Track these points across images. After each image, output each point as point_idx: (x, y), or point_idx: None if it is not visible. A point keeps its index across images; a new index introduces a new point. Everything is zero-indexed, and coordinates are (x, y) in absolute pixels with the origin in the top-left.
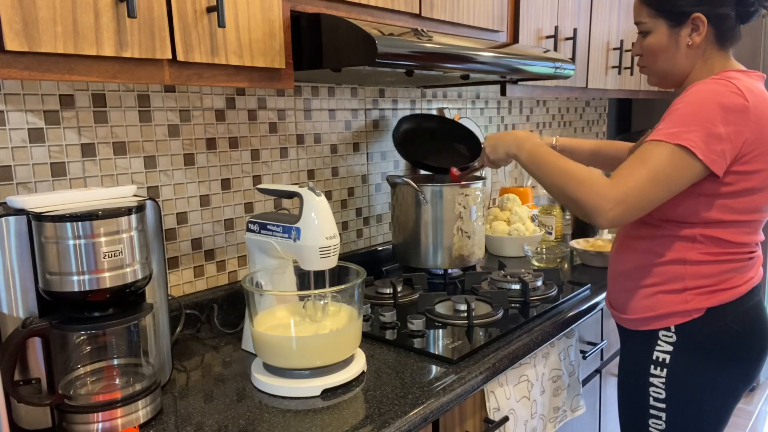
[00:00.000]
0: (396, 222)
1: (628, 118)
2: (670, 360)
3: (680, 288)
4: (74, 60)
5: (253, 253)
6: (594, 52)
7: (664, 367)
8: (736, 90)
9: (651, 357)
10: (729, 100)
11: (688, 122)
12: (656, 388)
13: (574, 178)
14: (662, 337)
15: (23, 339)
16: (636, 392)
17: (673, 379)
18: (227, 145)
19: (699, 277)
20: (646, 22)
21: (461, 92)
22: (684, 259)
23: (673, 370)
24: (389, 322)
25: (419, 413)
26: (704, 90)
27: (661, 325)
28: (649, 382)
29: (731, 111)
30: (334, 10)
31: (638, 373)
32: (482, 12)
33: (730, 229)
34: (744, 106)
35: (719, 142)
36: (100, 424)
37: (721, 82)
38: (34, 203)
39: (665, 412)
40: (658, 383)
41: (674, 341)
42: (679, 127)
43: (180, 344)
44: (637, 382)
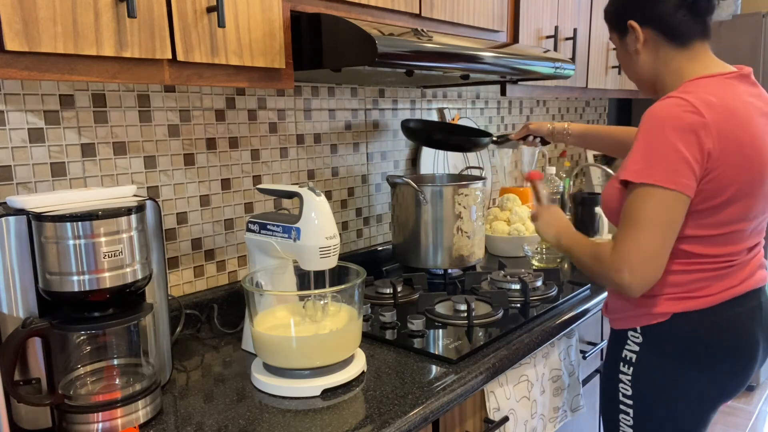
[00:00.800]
0: (396, 222)
1: (628, 118)
2: (636, 359)
3: (650, 294)
4: (74, 60)
5: (253, 253)
6: (594, 52)
7: (631, 365)
8: (690, 108)
9: (621, 355)
10: (683, 122)
11: (650, 155)
12: (624, 385)
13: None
14: (630, 336)
15: (23, 339)
16: (609, 387)
17: (638, 378)
18: (227, 145)
19: (668, 285)
20: (611, 37)
21: (461, 92)
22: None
23: (639, 369)
24: (389, 322)
25: (419, 413)
26: (655, 115)
27: (629, 326)
28: (618, 379)
29: (687, 132)
30: (334, 10)
31: (611, 368)
32: (482, 12)
33: (704, 243)
34: (701, 123)
35: (686, 165)
36: (100, 424)
37: (675, 102)
38: (34, 203)
39: (632, 408)
40: (625, 380)
41: (640, 342)
42: (642, 163)
43: (180, 344)
44: (610, 377)
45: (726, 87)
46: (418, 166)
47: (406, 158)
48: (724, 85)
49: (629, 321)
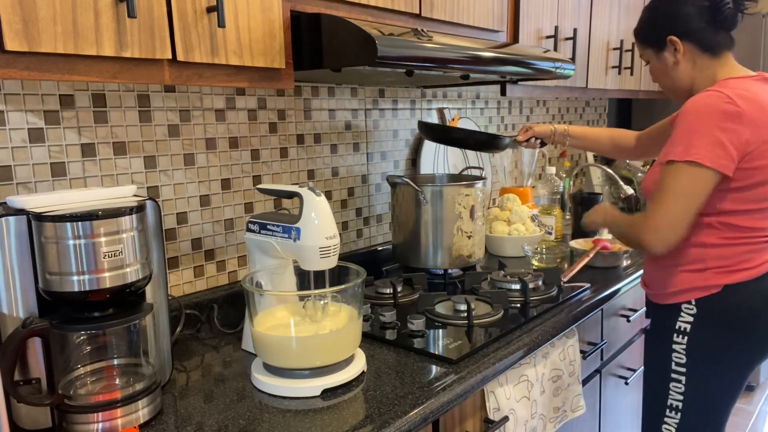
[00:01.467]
0: (396, 222)
1: (628, 118)
2: (691, 329)
3: (701, 267)
4: (74, 60)
5: (253, 253)
6: (594, 52)
7: (685, 335)
8: (726, 99)
9: (674, 326)
10: (721, 109)
11: (690, 138)
12: (678, 354)
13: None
14: (684, 309)
15: (23, 339)
16: (660, 358)
17: (692, 347)
18: (227, 145)
19: (718, 258)
20: (642, 54)
21: (461, 92)
22: (704, 242)
23: (693, 338)
24: (389, 322)
25: (419, 413)
26: (697, 105)
27: (684, 299)
28: (672, 349)
29: (725, 119)
30: (334, 10)
31: (663, 340)
32: (482, 12)
33: (743, 216)
34: (736, 111)
35: (723, 148)
36: (100, 424)
37: (712, 94)
38: (34, 203)
39: (685, 376)
40: (679, 350)
41: (695, 313)
42: (684, 145)
43: (180, 344)
44: (662, 348)
45: (753, 85)
46: (418, 166)
47: (406, 158)
48: (752, 84)
49: (683, 295)
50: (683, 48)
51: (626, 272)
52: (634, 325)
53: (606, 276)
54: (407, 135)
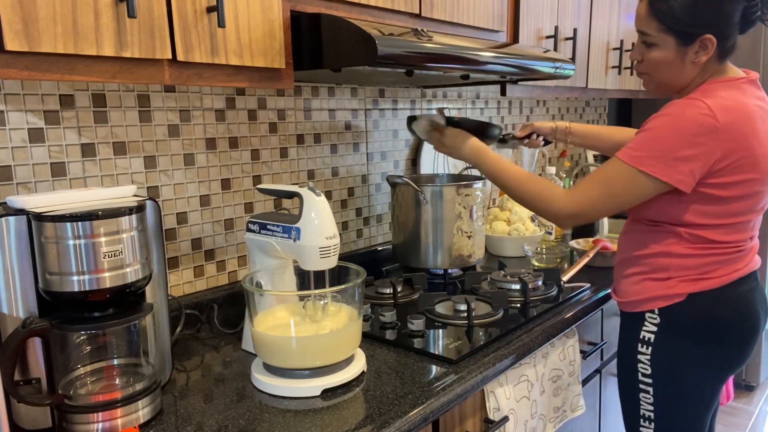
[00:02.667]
0: (396, 222)
1: (628, 118)
2: (654, 339)
3: (665, 276)
4: (74, 60)
5: (253, 253)
6: (594, 52)
7: (649, 345)
8: (707, 111)
9: (638, 336)
10: (697, 123)
11: (654, 147)
12: (643, 365)
13: (534, 190)
14: (648, 318)
15: (23, 339)
16: (627, 369)
17: (657, 357)
18: (227, 145)
19: (683, 268)
20: (653, 36)
21: (461, 92)
22: (669, 252)
23: (657, 348)
24: (389, 322)
25: (419, 413)
26: (675, 114)
27: (647, 308)
28: (637, 359)
29: (699, 134)
30: (334, 10)
31: (629, 351)
32: (482, 12)
33: (716, 230)
34: (712, 126)
35: (685, 163)
36: (100, 424)
37: (693, 104)
38: (34, 203)
39: (652, 387)
40: (644, 360)
41: (658, 323)
42: (645, 152)
43: (180, 344)
44: (629, 359)
45: (738, 92)
46: (418, 166)
47: (406, 158)
48: (737, 89)
49: (646, 304)
50: (713, 47)
51: None
52: None
53: (606, 276)
54: (407, 135)
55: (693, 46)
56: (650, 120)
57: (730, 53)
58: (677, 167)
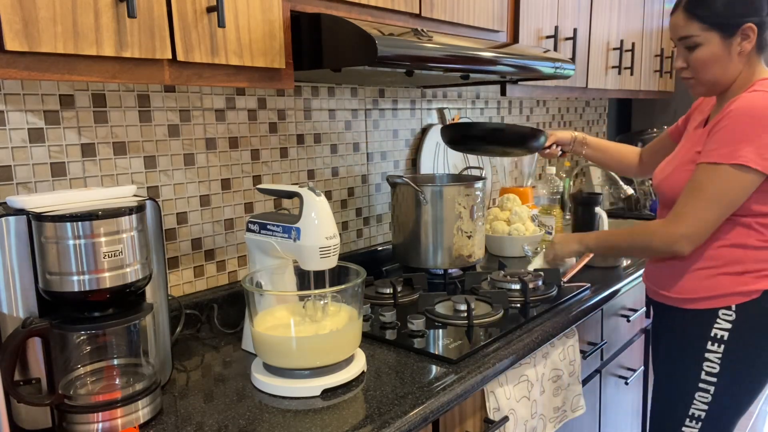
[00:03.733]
0: (396, 222)
1: (628, 118)
2: (729, 337)
3: (740, 270)
4: (74, 60)
5: (253, 253)
6: (594, 52)
7: (722, 343)
8: None
9: (708, 334)
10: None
11: (737, 139)
12: (711, 363)
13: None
14: (722, 315)
15: (23, 339)
16: (687, 367)
17: (730, 355)
18: (227, 145)
19: (758, 261)
20: (696, 35)
21: (461, 92)
22: (744, 244)
23: (732, 346)
24: (389, 322)
25: (419, 413)
26: (746, 106)
27: (722, 304)
28: (704, 358)
29: None
30: (334, 10)
31: (692, 348)
32: (482, 12)
33: None
34: None
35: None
36: (100, 424)
37: (760, 94)
38: (34, 203)
39: (714, 386)
40: (714, 359)
41: (733, 319)
42: (731, 146)
43: (180, 344)
44: (690, 357)
45: None
46: (418, 166)
47: (406, 158)
48: None
49: (720, 300)
50: (755, 39)
51: (626, 272)
52: (634, 325)
53: (606, 276)
54: (407, 135)
55: (736, 38)
56: (719, 120)
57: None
58: (765, 154)
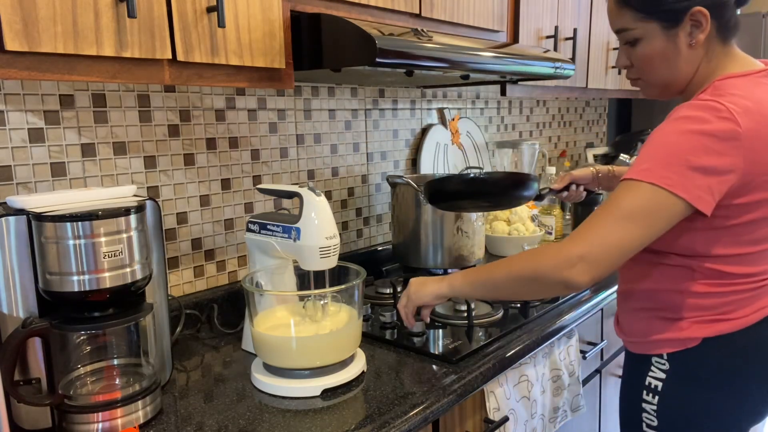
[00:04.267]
0: (396, 222)
1: (628, 118)
2: (663, 388)
3: (676, 317)
4: (74, 60)
5: (253, 253)
6: (594, 52)
7: (656, 394)
8: (726, 114)
9: (644, 382)
10: (715, 127)
11: (664, 155)
12: (648, 415)
13: (518, 269)
14: (655, 363)
15: (23, 339)
16: (631, 414)
17: (665, 409)
18: (227, 145)
19: (697, 308)
20: (633, 29)
21: (461, 92)
22: (682, 290)
23: (666, 399)
24: (389, 322)
25: (419, 413)
26: (686, 117)
27: (654, 351)
28: (642, 408)
29: (718, 140)
30: (334, 10)
31: (633, 395)
32: (482, 12)
33: (737, 261)
34: (734, 132)
35: (703, 176)
36: (100, 424)
37: (707, 104)
38: (34, 203)
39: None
40: (650, 410)
41: (667, 369)
42: (653, 162)
43: (180, 344)
44: (632, 404)
45: (759, 87)
46: (418, 166)
47: (406, 158)
48: (757, 86)
49: (653, 346)
50: (709, 25)
51: None
52: None
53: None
54: (407, 135)
55: (684, 26)
56: (655, 130)
57: (733, 31)
58: (694, 180)
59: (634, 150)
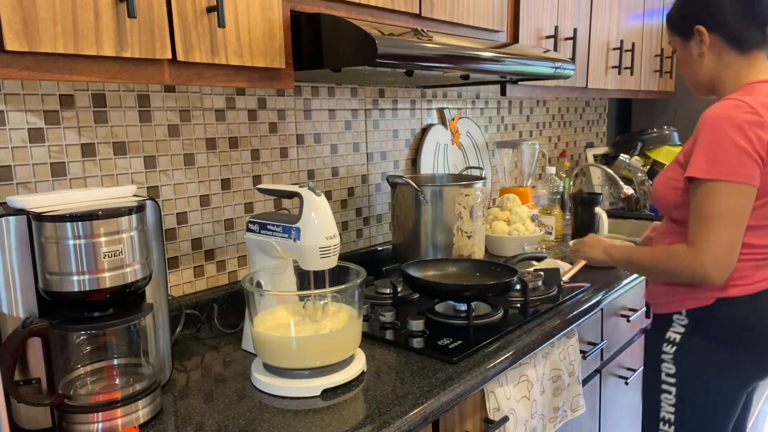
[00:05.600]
0: (396, 222)
1: (628, 118)
2: (680, 340)
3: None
4: (74, 60)
5: (253, 253)
6: (594, 52)
7: (674, 345)
8: (748, 109)
9: (664, 337)
10: (742, 119)
11: (713, 153)
12: (667, 365)
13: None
14: (675, 320)
15: (23, 339)
16: (651, 369)
17: (681, 358)
18: (227, 145)
19: None
20: (671, 41)
21: (461, 92)
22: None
23: (683, 349)
24: (389, 322)
25: (419, 413)
26: (717, 116)
27: (675, 309)
28: (661, 359)
29: (746, 128)
30: (334, 10)
31: (653, 351)
32: (482, 12)
33: (753, 233)
34: (758, 121)
35: (749, 157)
36: (100, 424)
37: (733, 103)
38: (34, 203)
39: (675, 387)
40: (668, 359)
41: (686, 324)
42: (707, 160)
43: (180, 344)
44: (653, 359)
45: None
46: (418, 166)
47: (406, 158)
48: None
49: (674, 305)
50: (709, 40)
51: (626, 272)
52: (634, 325)
53: (606, 276)
54: (407, 135)
55: (694, 40)
56: (697, 128)
57: (749, 43)
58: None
59: (635, 150)
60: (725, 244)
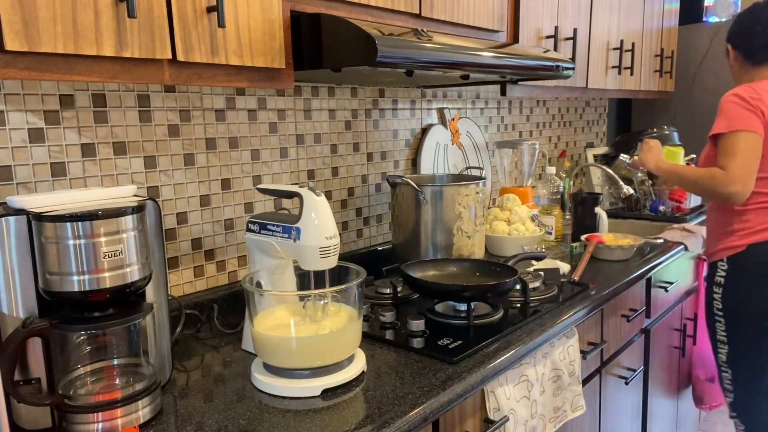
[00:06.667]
0: (396, 222)
1: (628, 118)
2: (724, 282)
3: (729, 231)
4: (74, 60)
5: (253, 253)
6: (594, 52)
7: (720, 286)
8: (750, 90)
9: (713, 281)
10: (745, 94)
11: (730, 115)
12: (717, 302)
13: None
14: (719, 267)
15: (23, 339)
16: (708, 306)
17: (726, 294)
18: (227, 145)
19: (743, 222)
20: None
21: (461, 92)
22: (730, 210)
23: (726, 289)
24: (389, 322)
25: (419, 413)
26: (729, 94)
27: (719, 257)
28: (713, 298)
29: (748, 99)
30: (334, 10)
31: (709, 291)
32: (482, 12)
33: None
34: (757, 96)
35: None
36: (100, 424)
37: (739, 88)
38: (34, 203)
39: (724, 317)
40: (717, 297)
41: (726, 269)
42: (727, 120)
43: (180, 344)
44: (709, 297)
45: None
46: (418, 166)
47: (406, 158)
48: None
49: (718, 254)
50: (734, 55)
51: (626, 272)
52: (634, 325)
53: (606, 276)
54: (407, 135)
55: (729, 54)
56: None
57: (758, 63)
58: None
59: (634, 150)
60: (746, 169)
